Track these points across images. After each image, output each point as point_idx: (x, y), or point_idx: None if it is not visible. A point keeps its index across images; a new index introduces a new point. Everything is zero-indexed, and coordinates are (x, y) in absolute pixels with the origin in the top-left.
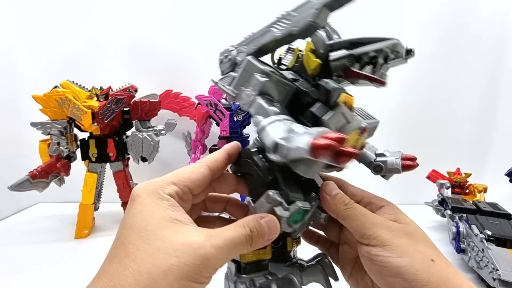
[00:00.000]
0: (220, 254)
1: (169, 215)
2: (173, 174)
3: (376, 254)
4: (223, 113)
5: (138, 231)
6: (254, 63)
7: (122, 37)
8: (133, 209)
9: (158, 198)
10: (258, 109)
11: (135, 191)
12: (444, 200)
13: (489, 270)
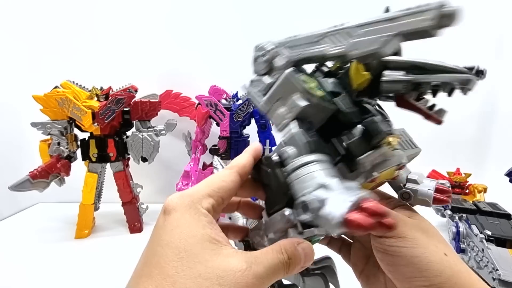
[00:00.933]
0: (260, 283)
1: (209, 235)
2: (207, 185)
3: (390, 245)
4: (223, 113)
5: (177, 251)
6: (296, 80)
7: (122, 37)
8: (169, 225)
9: (196, 213)
10: (291, 139)
11: (169, 204)
12: None
13: (489, 270)
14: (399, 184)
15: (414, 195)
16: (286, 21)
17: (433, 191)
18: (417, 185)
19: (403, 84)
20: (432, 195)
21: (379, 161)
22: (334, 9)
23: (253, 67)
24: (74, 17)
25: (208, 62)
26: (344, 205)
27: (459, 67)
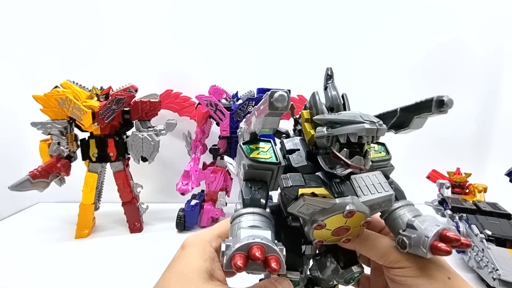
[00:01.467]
0: None
1: (206, 267)
2: (218, 228)
3: (397, 275)
4: (223, 113)
5: (179, 275)
6: (242, 149)
7: (122, 37)
8: (180, 256)
9: (204, 250)
10: (239, 195)
11: (186, 241)
12: (444, 200)
13: (489, 270)
14: (397, 230)
15: (408, 242)
16: (286, 21)
17: (429, 239)
18: (414, 231)
19: (325, 139)
20: (429, 244)
21: (313, 211)
22: (333, 9)
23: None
24: (74, 17)
25: (208, 62)
26: (232, 251)
27: (361, 119)
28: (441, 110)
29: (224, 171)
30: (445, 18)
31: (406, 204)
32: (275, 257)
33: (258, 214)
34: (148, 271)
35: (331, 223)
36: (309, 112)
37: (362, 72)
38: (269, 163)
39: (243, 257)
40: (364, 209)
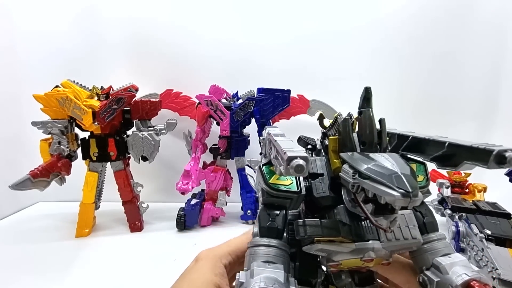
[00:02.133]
0: None
1: (215, 281)
2: (229, 245)
3: None
4: (223, 113)
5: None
6: (261, 173)
7: (123, 37)
8: (193, 268)
9: (215, 265)
10: (256, 222)
11: (200, 255)
12: (443, 200)
13: (488, 269)
14: (421, 266)
15: (430, 285)
16: (286, 21)
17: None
18: (439, 275)
19: (351, 184)
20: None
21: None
22: (332, 9)
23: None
24: (75, 16)
25: (208, 62)
26: None
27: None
28: (501, 166)
29: (224, 171)
30: (445, 17)
31: (437, 239)
32: None
33: (273, 247)
34: (148, 270)
35: (347, 263)
36: (337, 140)
37: (363, 66)
38: (288, 192)
39: None
40: (385, 254)
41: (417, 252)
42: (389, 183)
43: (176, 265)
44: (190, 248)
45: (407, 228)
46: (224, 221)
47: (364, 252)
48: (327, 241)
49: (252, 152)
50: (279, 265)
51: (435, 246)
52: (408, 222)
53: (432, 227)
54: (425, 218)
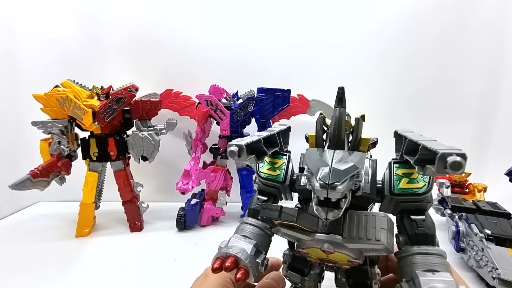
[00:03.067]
0: None
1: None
2: None
3: None
4: (223, 113)
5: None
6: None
7: (123, 37)
8: (204, 281)
9: (224, 281)
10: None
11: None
12: (444, 200)
13: (488, 269)
14: (401, 277)
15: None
16: (286, 20)
17: None
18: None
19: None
20: None
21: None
22: (332, 9)
23: None
24: (75, 16)
25: (208, 62)
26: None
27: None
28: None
29: (224, 170)
30: (445, 17)
31: (427, 253)
32: (243, 269)
33: (255, 226)
34: (148, 270)
35: (313, 253)
36: (314, 137)
37: (363, 66)
38: (273, 181)
39: (220, 262)
40: (347, 251)
41: (402, 261)
42: (315, 175)
43: (176, 265)
44: (190, 248)
45: (373, 229)
46: (224, 221)
47: (323, 242)
48: (289, 227)
49: None
50: (252, 240)
51: (423, 259)
52: (377, 225)
53: (425, 240)
54: (418, 229)
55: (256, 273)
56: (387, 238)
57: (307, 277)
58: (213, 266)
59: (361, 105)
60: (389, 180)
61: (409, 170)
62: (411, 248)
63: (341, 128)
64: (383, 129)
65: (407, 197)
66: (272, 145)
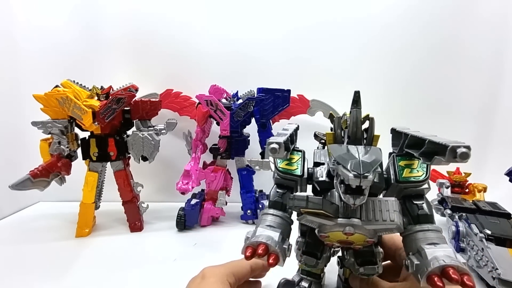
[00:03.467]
0: None
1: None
2: (233, 266)
3: None
4: (223, 113)
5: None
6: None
7: (123, 38)
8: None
9: (222, 283)
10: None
11: (207, 272)
12: (443, 200)
13: (488, 269)
14: (408, 252)
15: (411, 267)
16: (286, 20)
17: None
18: (420, 259)
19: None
20: (425, 275)
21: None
22: (332, 9)
23: None
24: (75, 16)
25: (208, 62)
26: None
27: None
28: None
29: (224, 170)
30: (445, 17)
31: (427, 230)
32: (274, 255)
33: (277, 216)
34: (148, 270)
35: (333, 236)
36: (332, 134)
37: (364, 66)
38: (293, 175)
39: (251, 250)
40: (365, 232)
41: (407, 238)
42: (348, 166)
43: (176, 265)
44: (190, 248)
45: (387, 212)
46: (224, 221)
47: (345, 226)
48: (314, 214)
49: (252, 152)
50: (277, 229)
51: (425, 235)
52: (390, 208)
53: (426, 219)
54: (420, 210)
55: (284, 258)
56: (398, 218)
57: (320, 259)
58: (246, 254)
59: (363, 104)
60: (394, 170)
61: (409, 162)
62: (414, 227)
63: (359, 127)
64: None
65: (410, 184)
66: (291, 143)
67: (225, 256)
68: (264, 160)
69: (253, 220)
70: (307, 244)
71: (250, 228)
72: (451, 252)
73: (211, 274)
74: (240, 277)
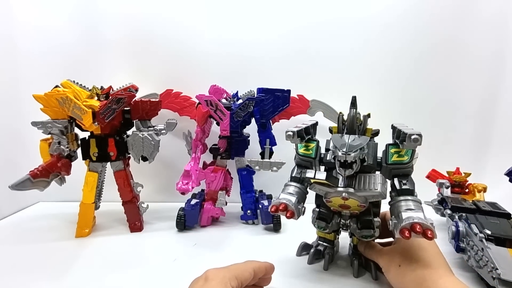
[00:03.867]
0: None
1: None
2: (236, 269)
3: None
4: (223, 113)
5: None
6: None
7: (123, 37)
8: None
9: (223, 286)
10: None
11: (210, 275)
12: (443, 200)
13: (488, 269)
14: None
15: (392, 225)
16: (286, 21)
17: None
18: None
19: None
20: (398, 229)
21: (325, 192)
22: (332, 9)
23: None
24: (75, 16)
25: (208, 62)
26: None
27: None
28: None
29: (224, 171)
30: (444, 17)
31: (408, 200)
32: (290, 211)
33: (296, 187)
34: (148, 270)
35: (335, 200)
36: (335, 127)
37: (365, 67)
38: (308, 157)
39: (275, 207)
40: (357, 197)
41: (392, 207)
42: (338, 147)
43: (176, 265)
44: (190, 248)
45: (373, 183)
46: (224, 221)
47: (342, 192)
48: (320, 184)
49: (252, 152)
50: (295, 195)
51: (406, 203)
52: (375, 181)
53: (408, 192)
54: (403, 186)
55: (299, 215)
56: (381, 188)
57: (329, 224)
58: (271, 210)
59: (364, 104)
60: (385, 156)
61: (398, 149)
62: (398, 197)
63: (354, 122)
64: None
65: (396, 166)
66: (307, 134)
67: (225, 256)
68: (264, 161)
69: (253, 220)
70: (320, 212)
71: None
72: (422, 215)
73: (214, 276)
74: (242, 281)
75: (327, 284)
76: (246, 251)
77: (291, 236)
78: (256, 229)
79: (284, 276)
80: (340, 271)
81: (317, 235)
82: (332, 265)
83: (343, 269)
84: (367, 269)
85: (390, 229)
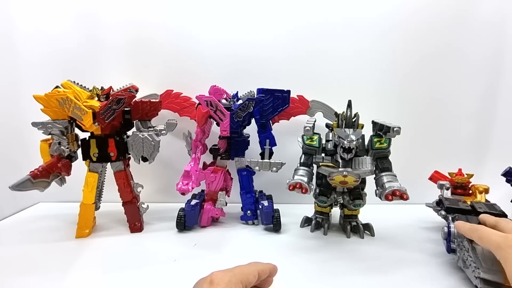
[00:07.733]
0: None
1: None
2: (242, 273)
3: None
4: (223, 113)
5: None
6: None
7: (123, 38)
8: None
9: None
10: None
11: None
12: (441, 201)
13: (472, 269)
14: (377, 186)
15: (378, 194)
16: (286, 21)
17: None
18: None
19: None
20: (384, 194)
21: (330, 171)
22: (332, 9)
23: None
24: (75, 17)
25: (208, 62)
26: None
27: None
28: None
29: (224, 171)
30: (444, 16)
31: (387, 175)
32: (305, 188)
33: (305, 170)
34: (148, 271)
35: (337, 178)
36: (336, 123)
37: (365, 66)
38: (312, 146)
39: (292, 186)
40: (353, 174)
41: (377, 180)
42: (344, 138)
43: (176, 266)
44: (190, 249)
45: (365, 164)
46: (224, 222)
47: (343, 171)
48: (326, 166)
49: (252, 152)
50: (305, 176)
51: (386, 177)
52: (366, 162)
53: (387, 169)
54: (384, 165)
55: (311, 190)
56: (371, 167)
57: (328, 198)
58: (289, 188)
59: (364, 104)
60: (370, 143)
61: (380, 139)
62: (381, 173)
63: (350, 119)
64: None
65: (378, 150)
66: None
67: (225, 257)
68: (264, 161)
69: (253, 220)
70: (320, 190)
71: (250, 229)
72: (398, 184)
73: (220, 281)
74: (247, 285)
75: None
76: (246, 252)
77: (291, 236)
78: (256, 230)
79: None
80: (336, 235)
81: (315, 210)
82: (328, 231)
83: (337, 233)
84: (355, 231)
85: (377, 196)
